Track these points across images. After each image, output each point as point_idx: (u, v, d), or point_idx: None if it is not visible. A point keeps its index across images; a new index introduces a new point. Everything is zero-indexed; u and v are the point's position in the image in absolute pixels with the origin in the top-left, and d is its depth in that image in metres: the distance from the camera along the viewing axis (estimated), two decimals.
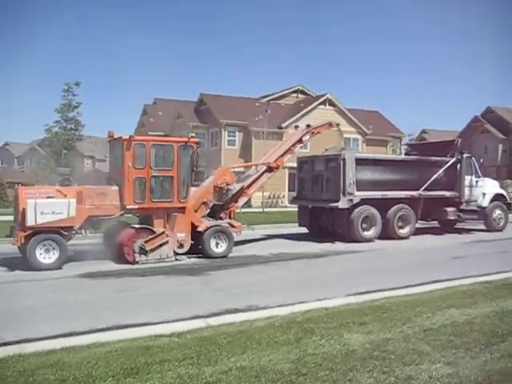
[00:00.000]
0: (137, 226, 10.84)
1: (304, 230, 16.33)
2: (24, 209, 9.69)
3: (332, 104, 38.18)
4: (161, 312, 6.58)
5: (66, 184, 10.76)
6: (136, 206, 10.74)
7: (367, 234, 14.51)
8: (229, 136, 35.82)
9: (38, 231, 9.74)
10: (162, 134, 42.90)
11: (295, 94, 42.11)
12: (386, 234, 14.78)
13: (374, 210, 14.55)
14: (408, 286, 8.06)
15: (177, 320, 6.19)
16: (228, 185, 12.26)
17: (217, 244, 11.50)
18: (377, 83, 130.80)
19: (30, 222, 9.62)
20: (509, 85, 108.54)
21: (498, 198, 17.58)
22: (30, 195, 10.01)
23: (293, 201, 17.21)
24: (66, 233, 10.03)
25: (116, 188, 10.75)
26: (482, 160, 18.45)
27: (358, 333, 5.29)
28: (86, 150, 77.21)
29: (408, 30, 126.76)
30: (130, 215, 11.34)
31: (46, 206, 9.79)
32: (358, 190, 14.28)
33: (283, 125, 36.05)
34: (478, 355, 4.60)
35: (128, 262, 10.33)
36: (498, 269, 9.42)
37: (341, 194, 14.10)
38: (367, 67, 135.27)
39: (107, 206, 10.62)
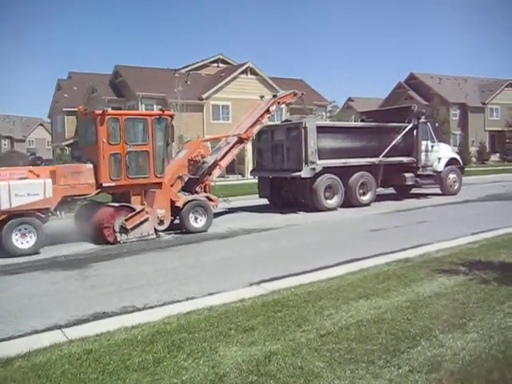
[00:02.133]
0: (116, 204, 10.98)
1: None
2: None
3: (254, 73, 38.75)
4: (12, 324, 5.55)
5: (37, 163, 10.64)
6: (113, 184, 10.87)
7: (330, 202, 15.30)
8: (146, 109, 35.14)
9: (12, 215, 9.66)
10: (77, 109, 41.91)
11: (216, 64, 42.31)
12: (349, 201, 15.69)
13: (336, 178, 15.33)
14: (318, 269, 7.53)
15: (30, 333, 5.23)
16: (203, 158, 12.63)
17: (196, 219, 11.92)
18: (301, 53, 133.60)
19: (3, 205, 9.50)
20: (431, 52, 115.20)
21: (452, 162, 18.87)
22: (1, 177, 9.86)
23: (252, 172, 17.58)
24: (42, 215, 10.04)
25: (91, 166, 10.79)
26: (437, 124, 19.77)
27: (239, 344, 4.50)
28: (3, 129, 73.43)
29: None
30: (102, 194, 11.44)
31: (21, 187, 9.71)
32: (319, 159, 14.96)
33: (203, 96, 36.27)
34: (382, 372, 3.83)
35: (108, 243, 10.52)
36: (422, 241, 9.36)
37: (303, 163, 14.68)
38: (292, 37, 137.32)
39: (82, 185, 10.67)
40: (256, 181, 17.46)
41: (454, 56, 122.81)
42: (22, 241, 9.75)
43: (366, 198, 16.16)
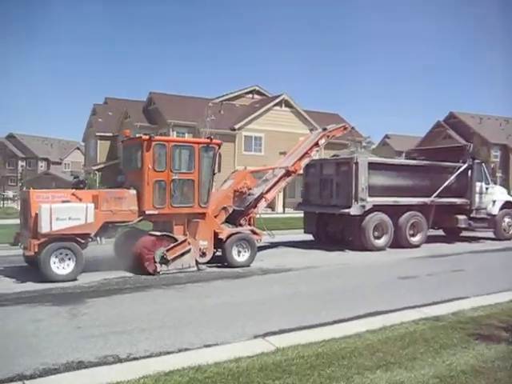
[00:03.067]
0: (157, 233, 10.75)
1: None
2: (37, 214, 9.42)
3: (289, 105, 38.86)
4: None
5: (80, 187, 10.55)
6: (156, 212, 10.65)
7: (379, 242, 14.89)
8: (178, 137, 35.70)
9: (52, 239, 9.49)
10: (111, 134, 43.12)
11: (251, 95, 42.86)
12: (398, 242, 15.23)
13: (385, 217, 14.96)
14: (334, 322, 6.78)
15: None
16: (249, 189, 12.40)
17: (239, 252, 11.59)
18: (338, 86, 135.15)
19: (44, 228, 9.34)
20: (470, 91, 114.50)
21: (507, 205, 18.27)
22: (44, 199, 9.76)
23: (299, 206, 17.33)
24: (82, 240, 9.84)
25: (134, 192, 10.62)
26: (493, 166, 19.26)
27: None
28: (41, 151, 76.20)
29: (372, 32, 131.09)
30: (144, 222, 11.26)
31: (62, 211, 9.55)
32: (369, 196, 14.64)
33: (236, 126, 36.49)
34: None
35: (148, 273, 10.25)
36: (455, 293, 8.67)
37: (353, 200, 14.39)
38: (328, 69, 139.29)
39: (124, 212, 10.49)
40: (299, 215, 17.14)
41: (496, 96, 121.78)
42: (60, 266, 9.56)
43: (416, 239, 15.70)
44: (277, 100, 38.69)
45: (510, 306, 7.60)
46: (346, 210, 14.40)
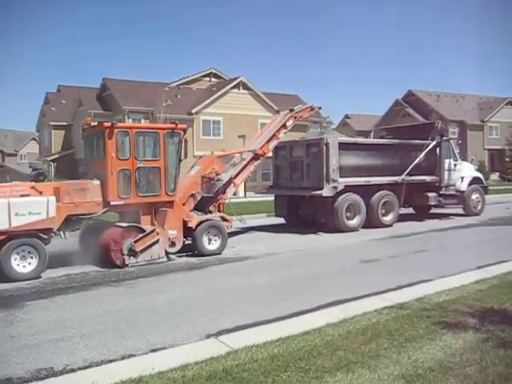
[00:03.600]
0: (124, 224, 10.56)
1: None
2: None
3: (246, 87, 38.62)
4: None
5: (40, 179, 10.27)
6: (121, 202, 10.41)
7: (352, 222, 15.01)
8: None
9: (12, 236, 9.14)
10: (65, 123, 42.29)
11: (208, 78, 42.27)
12: (370, 222, 15.39)
13: (357, 198, 15.05)
14: (292, 315, 6.39)
15: None
16: (217, 175, 12.29)
17: (209, 240, 11.47)
18: (295, 68, 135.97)
19: (2, 225, 8.98)
20: (429, 68, 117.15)
21: (475, 181, 18.74)
22: (1, 194, 9.40)
23: (269, 190, 17.31)
24: (44, 236, 9.54)
25: (97, 182, 10.35)
26: (460, 141, 19.73)
27: None
28: None
29: (331, 13, 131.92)
30: (109, 213, 11.07)
31: (22, 205, 9.21)
32: (340, 177, 14.69)
33: (193, 110, 36.19)
34: None
35: (115, 266, 10.12)
36: (419, 276, 8.48)
37: (324, 181, 14.41)
38: (286, 51, 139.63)
39: (88, 204, 10.22)
40: (262, 199, 17.20)
41: (453, 73, 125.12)
42: (22, 264, 9.22)
43: (388, 219, 15.88)
44: (234, 82, 38.30)
45: (475, 289, 7.34)
46: (318, 192, 14.41)
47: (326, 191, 14.41)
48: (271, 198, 17.90)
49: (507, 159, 51.45)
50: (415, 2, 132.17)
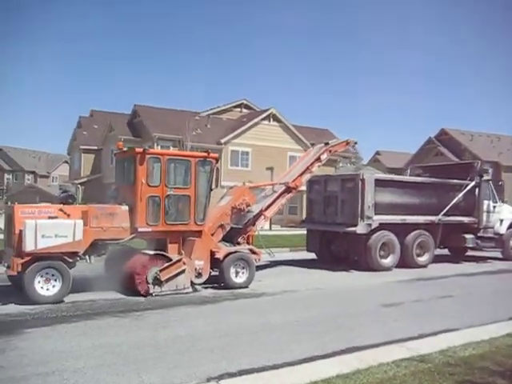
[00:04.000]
0: (150, 252, 10.54)
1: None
2: (21, 231, 9.09)
3: (277, 119, 38.84)
4: None
5: (69, 202, 10.37)
6: (149, 229, 10.36)
7: (385, 261, 14.76)
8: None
9: (37, 257, 9.16)
10: (95, 148, 43.24)
11: (239, 109, 42.78)
12: (404, 262, 15.08)
13: (392, 236, 14.82)
14: (303, 361, 6.04)
15: None
16: (248, 206, 12.23)
17: (237, 273, 11.32)
18: (327, 101, 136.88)
19: (29, 246, 9.00)
20: (463, 108, 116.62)
21: None
22: (29, 215, 9.43)
23: (301, 224, 17.26)
24: (69, 259, 9.55)
25: (126, 208, 10.35)
26: (500, 183, 19.39)
27: None
28: (28, 165, 75.93)
29: (364, 45, 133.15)
30: (136, 240, 11.08)
31: (49, 227, 9.24)
32: (375, 214, 14.53)
33: (222, 140, 36.48)
34: None
35: (139, 294, 10.05)
36: (444, 324, 8.02)
37: (359, 218, 14.26)
38: (318, 86, 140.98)
39: (116, 229, 10.18)
40: (300, 232, 17.10)
41: (488, 113, 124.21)
42: (45, 287, 9.23)
43: (423, 259, 15.60)
44: (265, 114, 38.61)
45: (507, 343, 6.81)
46: (352, 229, 14.25)
47: (360, 228, 14.23)
48: (296, 232, 17.76)
49: None
50: (455, 35, 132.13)
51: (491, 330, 7.59)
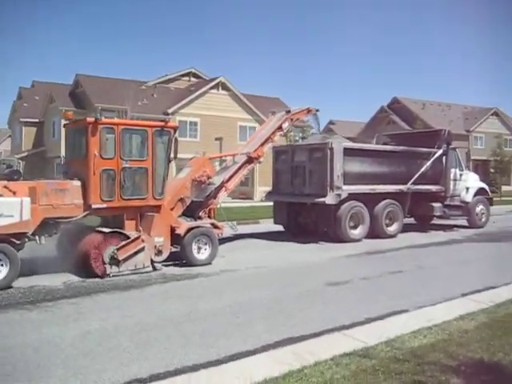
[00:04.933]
0: (106, 229, 10.25)
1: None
2: None
3: (226, 88, 38.65)
4: None
5: (14, 178, 10.02)
6: (104, 205, 10.02)
7: (354, 232, 14.91)
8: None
9: None
10: (37, 120, 41.97)
11: (187, 78, 42.36)
12: (374, 232, 15.26)
13: (361, 207, 14.94)
14: (225, 360, 5.46)
15: None
16: (209, 178, 12.08)
17: (199, 249, 11.19)
18: (278, 70, 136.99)
19: None
20: (415, 76, 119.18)
21: (480, 192, 18.88)
22: None
23: (268, 196, 17.17)
24: (17, 241, 9.13)
25: (78, 183, 9.98)
26: (467, 151, 19.92)
27: None
28: None
29: (318, 14, 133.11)
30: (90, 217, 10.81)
31: None
32: (344, 184, 14.57)
33: (169, 110, 36.10)
34: None
35: (95, 275, 9.89)
36: (393, 305, 7.61)
37: (327, 188, 14.27)
38: (268, 53, 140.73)
39: (67, 206, 9.79)
40: (264, 204, 17.17)
41: (439, 82, 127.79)
42: None
43: (392, 229, 15.83)
44: (213, 83, 38.25)
45: (460, 328, 6.23)
46: (321, 199, 14.26)
47: (330, 199, 14.25)
48: (251, 203, 17.69)
49: (492, 170, 52.09)
50: (405, 4, 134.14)
51: (443, 310, 7.26)
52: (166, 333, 6.52)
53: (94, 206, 10.04)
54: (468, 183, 18.57)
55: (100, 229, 10.37)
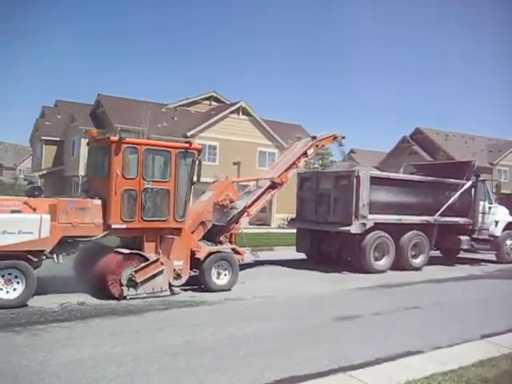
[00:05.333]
0: (125, 250, 10.06)
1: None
2: None
3: (247, 113, 38.52)
4: None
5: (35, 194, 9.94)
6: (124, 226, 9.88)
7: (379, 263, 14.64)
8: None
9: None
10: (57, 139, 42.46)
11: (208, 102, 42.69)
12: (399, 264, 14.93)
13: (387, 237, 14.67)
14: None
15: None
16: (231, 202, 11.93)
17: (218, 274, 10.99)
18: (299, 97, 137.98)
19: None
20: (439, 107, 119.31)
21: (510, 226, 18.42)
22: None
23: (291, 223, 17.04)
24: (34, 258, 9.00)
25: (99, 202, 9.88)
26: (497, 184, 19.57)
27: None
28: None
29: (341, 36, 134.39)
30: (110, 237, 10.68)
31: (11, 223, 8.71)
32: (370, 213, 14.34)
33: (189, 133, 36.14)
34: None
35: (112, 297, 9.69)
36: (406, 345, 7.14)
37: (353, 217, 14.05)
38: (291, 79, 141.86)
39: (87, 225, 9.70)
40: (280, 231, 16.99)
41: (463, 114, 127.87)
42: (6, 289, 8.68)
43: (417, 261, 15.52)
44: (234, 107, 38.25)
45: (479, 375, 5.71)
46: (346, 228, 14.04)
47: (355, 228, 14.01)
48: (269, 230, 17.48)
49: None
50: (433, 32, 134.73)
51: (460, 352, 6.77)
52: (157, 364, 6.10)
53: (113, 226, 9.92)
54: (497, 217, 18.17)
55: (119, 249, 10.22)
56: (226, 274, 11.15)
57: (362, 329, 8.28)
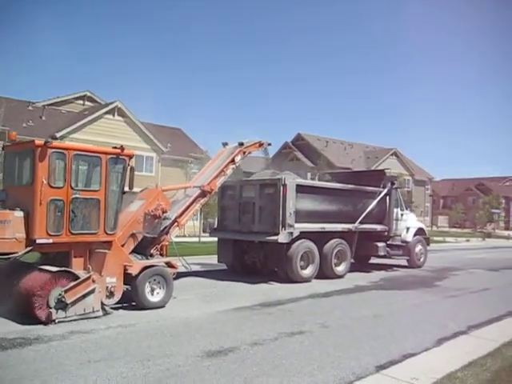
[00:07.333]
0: (53, 268, 9.20)
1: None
2: None
3: (122, 114, 37.71)
4: None
5: None
6: (50, 240, 9.06)
7: (305, 272, 14.76)
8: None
9: None
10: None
11: (81, 101, 41.55)
12: (323, 272, 15.19)
13: (312, 245, 14.84)
14: None
15: None
16: (164, 212, 11.45)
17: (152, 290, 10.49)
18: (181, 100, 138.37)
19: None
20: (316, 113, 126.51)
21: (419, 232, 19.71)
22: None
23: (213, 232, 16.74)
24: None
25: (20, 214, 9.04)
26: (408, 191, 20.72)
27: None
28: None
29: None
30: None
31: None
32: (296, 222, 14.42)
33: (58, 134, 34.98)
34: None
35: (38, 321, 8.89)
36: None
37: (280, 226, 14.06)
38: (170, 83, 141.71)
39: (7, 240, 8.81)
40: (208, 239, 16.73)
41: (341, 122, 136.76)
42: None
43: (340, 269, 15.88)
44: (109, 107, 37.16)
45: None
46: (274, 237, 13.98)
47: (282, 237, 13.99)
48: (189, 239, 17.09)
49: None
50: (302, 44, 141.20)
51: None
52: None
53: (38, 241, 9.08)
54: (408, 223, 19.31)
55: (44, 267, 9.39)
56: (159, 291, 10.67)
57: (237, 368, 6.71)
